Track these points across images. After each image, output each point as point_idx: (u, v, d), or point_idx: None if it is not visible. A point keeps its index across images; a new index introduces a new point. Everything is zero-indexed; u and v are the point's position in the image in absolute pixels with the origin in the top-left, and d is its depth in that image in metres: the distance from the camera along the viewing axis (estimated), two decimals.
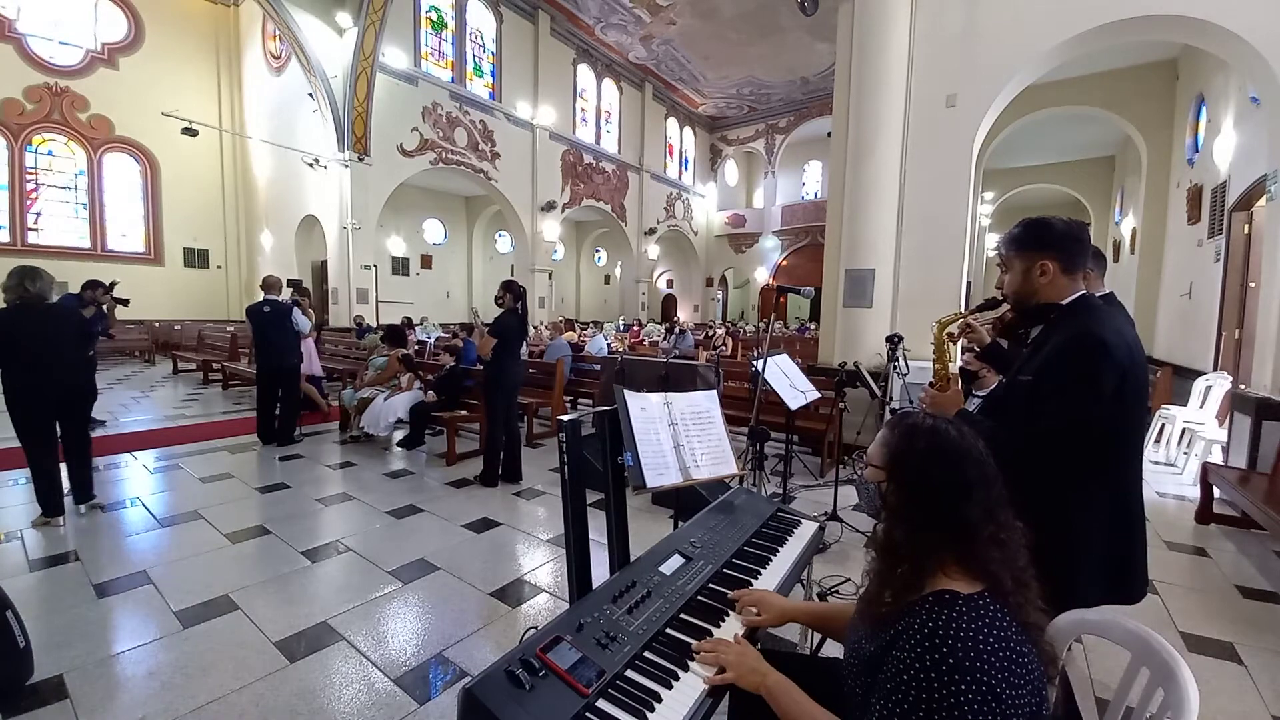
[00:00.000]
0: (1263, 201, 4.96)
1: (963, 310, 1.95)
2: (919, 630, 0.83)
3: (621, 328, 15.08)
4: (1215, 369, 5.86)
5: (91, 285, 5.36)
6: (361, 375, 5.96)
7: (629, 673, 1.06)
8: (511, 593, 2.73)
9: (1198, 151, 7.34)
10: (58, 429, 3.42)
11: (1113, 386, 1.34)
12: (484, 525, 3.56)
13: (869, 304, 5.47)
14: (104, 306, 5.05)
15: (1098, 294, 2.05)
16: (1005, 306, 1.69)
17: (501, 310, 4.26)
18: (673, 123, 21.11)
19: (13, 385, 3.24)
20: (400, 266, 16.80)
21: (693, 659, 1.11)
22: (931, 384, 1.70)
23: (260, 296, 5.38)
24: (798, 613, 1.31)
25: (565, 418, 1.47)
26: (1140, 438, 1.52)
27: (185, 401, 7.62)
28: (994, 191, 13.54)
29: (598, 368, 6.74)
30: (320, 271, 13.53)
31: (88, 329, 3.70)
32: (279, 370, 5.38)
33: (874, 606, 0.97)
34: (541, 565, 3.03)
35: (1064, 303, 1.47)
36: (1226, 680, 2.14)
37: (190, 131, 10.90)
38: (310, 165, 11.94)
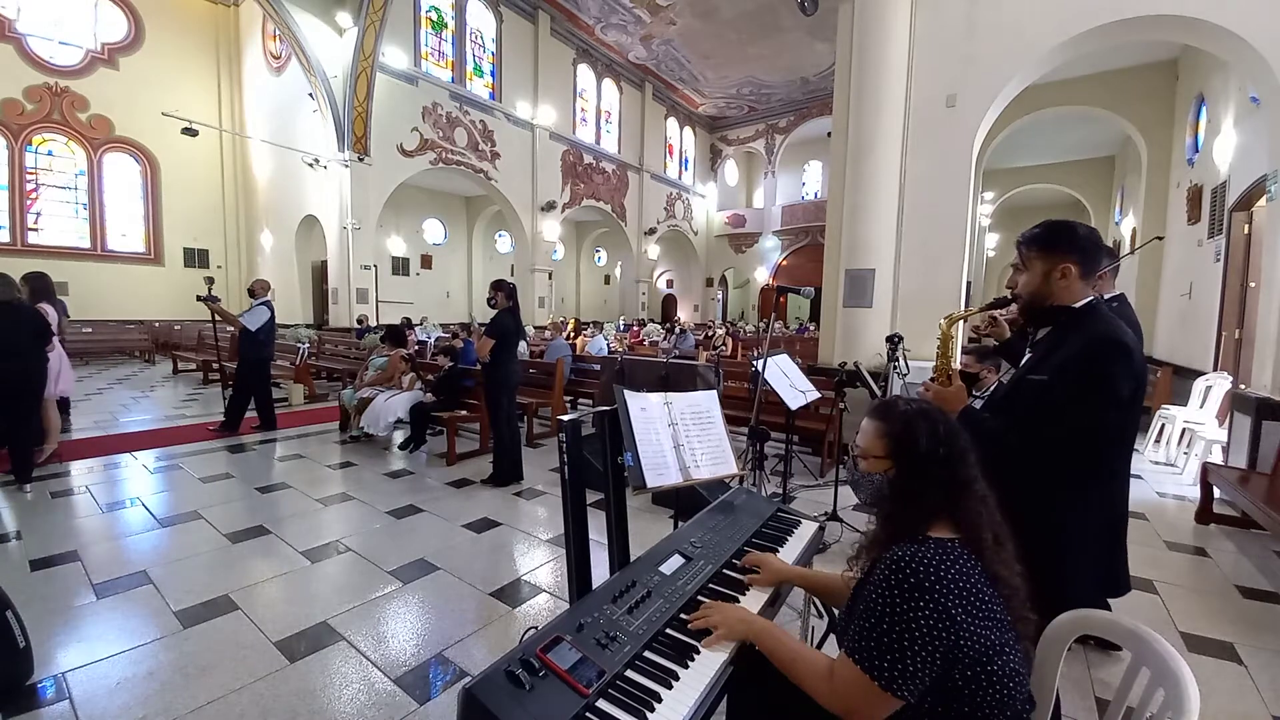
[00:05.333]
0: (1263, 201, 4.96)
1: (970, 308, 1.96)
2: (890, 560, 0.97)
3: (621, 328, 15.07)
4: (1215, 369, 5.85)
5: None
6: (361, 375, 5.96)
7: (629, 673, 1.05)
8: (511, 593, 2.72)
9: (1198, 151, 7.34)
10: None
11: (1129, 392, 1.37)
12: (484, 525, 3.56)
13: (869, 304, 5.48)
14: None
15: (1107, 295, 2.06)
16: (1013, 305, 1.69)
17: (496, 311, 4.26)
18: (673, 123, 21.11)
19: None
20: (400, 266, 16.79)
21: (692, 660, 1.11)
22: (933, 379, 1.71)
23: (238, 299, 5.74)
24: (792, 574, 1.43)
25: (565, 418, 1.47)
26: (1133, 439, 1.60)
27: (185, 401, 7.61)
28: (994, 191, 13.54)
29: (598, 368, 6.74)
30: (320, 271, 13.54)
31: (44, 328, 4.09)
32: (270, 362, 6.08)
33: (866, 558, 1.11)
34: (541, 565, 3.03)
35: (1076, 306, 1.48)
36: (1226, 680, 2.14)
37: (190, 131, 10.90)
38: (310, 165, 11.95)
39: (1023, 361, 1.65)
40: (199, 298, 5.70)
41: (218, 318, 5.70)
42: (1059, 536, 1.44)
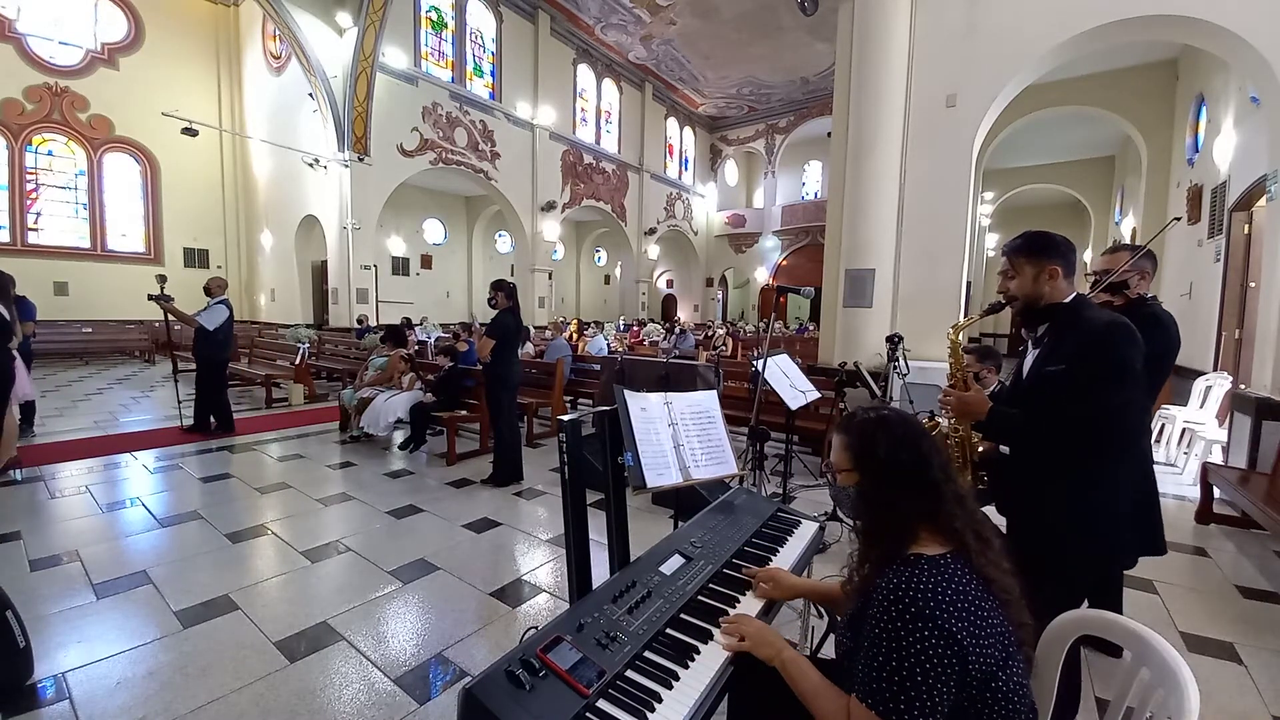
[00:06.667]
0: (1263, 201, 4.96)
1: (971, 316, 2.07)
2: (886, 587, 0.95)
3: (621, 328, 15.06)
4: (1215, 369, 5.86)
5: None
6: (361, 375, 5.96)
7: (629, 673, 1.06)
8: (511, 593, 2.73)
9: (1198, 151, 7.34)
10: None
11: (1140, 366, 1.51)
12: (484, 525, 3.56)
13: (869, 304, 5.47)
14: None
15: (1149, 294, 2.16)
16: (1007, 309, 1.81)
17: (497, 311, 4.26)
18: (673, 123, 21.09)
19: None
20: (400, 266, 16.78)
21: (693, 660, 1.12)
22: (952, 385, 1.79)
23: (199, 298, 5.84)
24: (805, 588, 1.43)
25: (565, 418, 1.47)
26: (1152, 403, 1.83)
27: (185, 401, 7.60)
28: (994, 191, 13.54)
29: (598, 368, 6.74)
30: (320, 271, 13.53)
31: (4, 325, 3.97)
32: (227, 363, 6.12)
33: (854, 577, 1.11)
34: (541, 565, 3.03)
35: (1066, 302, 1.61)
36: (1226, 680, 2.14)
37: (190, 131, 10.88)
38: (310, 165, 11.94)
39: (1029, 358, 1.72)
40: (150, 297, 5.37)
41: (171, 317, 5.45)
42: (1103, 507, 1.54)
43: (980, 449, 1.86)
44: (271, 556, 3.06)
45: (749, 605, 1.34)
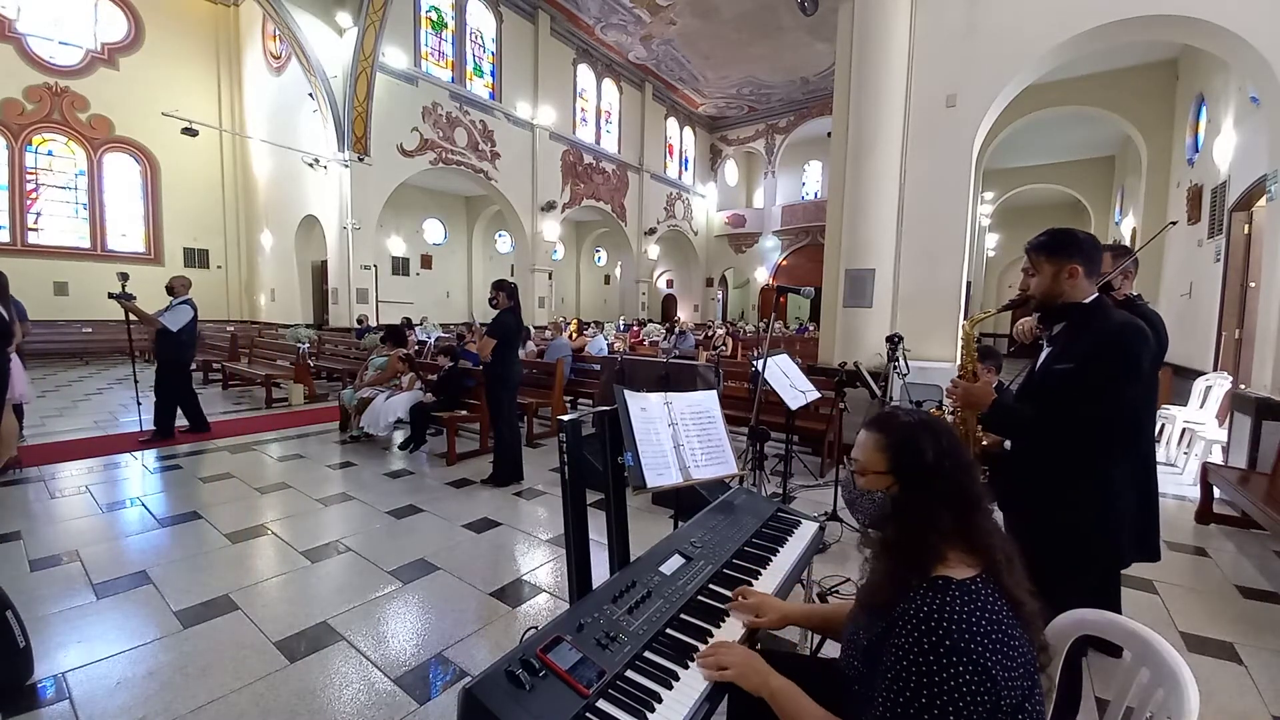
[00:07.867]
0: (1263, 201, 4.96)
1: (988, 310, 2.10)
2: (914, 615, 0.86)
3: (621, 328, 15.06)
4: (1215, 369, 5.85)
5: None
6: (361, 375, 5.96)
7: (629, 673, 1.06)
8: (511, 593, 2.73)
9: (1198, 151, 7.34)
10: None
11: (1147, 367, 1.55)
12: (484, 525, 3.56)
13: (869, 304, 5.47)
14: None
15: (1133, 294, 2.19)
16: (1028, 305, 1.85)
17: (498, 311, 4.26)
18: (673, 123, 21.09)
19: None
20: (400, 266, 16.78)
21: (693, 660, 1.11)
22: (960, 376, 1.81)
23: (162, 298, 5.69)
24: (797, 615, 1.31)
25: (565, 418, 1.47)
26: (1155, 403, 1.85)
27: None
28: (994, 191, 13.54)
29: (598, 368, 6.73)
30: (320, 271, 13.53)
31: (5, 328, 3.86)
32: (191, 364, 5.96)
33: (874, 596, 0.99)
34: (541, 565, 3.03)
35: (1085, 302, 1.62)
36: (1226, 680, 2.14)
37: (190, 131, 10.89)
38: (310, 165, 11.94)
39: (1042, 355, 1.73)
40: (111, 295, 5.16)
41: (133, 317, 5.29)
42: (1104, 506, 1.56)
43: (984, 443, 1.87)
44: (271, 556, 3.06)
45: (732, 629, 1.26)
